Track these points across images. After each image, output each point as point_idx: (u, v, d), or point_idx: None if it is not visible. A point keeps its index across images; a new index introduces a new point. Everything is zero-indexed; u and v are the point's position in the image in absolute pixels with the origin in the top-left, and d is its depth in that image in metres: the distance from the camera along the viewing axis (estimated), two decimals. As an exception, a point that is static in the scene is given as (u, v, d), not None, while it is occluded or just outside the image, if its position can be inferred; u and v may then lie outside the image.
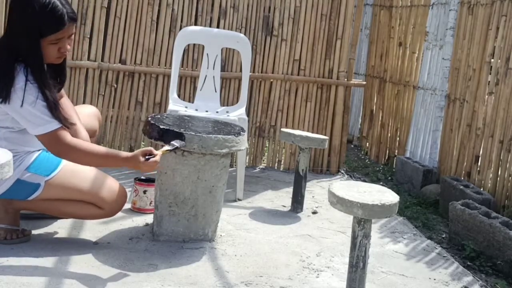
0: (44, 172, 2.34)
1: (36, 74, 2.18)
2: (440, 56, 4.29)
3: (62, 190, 2.36)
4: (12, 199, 2.40)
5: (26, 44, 2.17)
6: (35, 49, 2.17)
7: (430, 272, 2.65)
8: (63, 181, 2.37)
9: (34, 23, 2.15)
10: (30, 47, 2.17)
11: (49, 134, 2.18)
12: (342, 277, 2.40)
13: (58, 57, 2.31)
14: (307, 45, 4.21)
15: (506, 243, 2.76)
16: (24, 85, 2.16)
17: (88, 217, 2.54)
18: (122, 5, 3.99)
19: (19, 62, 2.18)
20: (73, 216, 2.58)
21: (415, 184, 4.17)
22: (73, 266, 2.28)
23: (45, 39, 2.19)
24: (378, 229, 3.13)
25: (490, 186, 3.59)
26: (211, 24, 4.10)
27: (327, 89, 4.27)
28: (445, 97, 4.22)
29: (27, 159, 2.32)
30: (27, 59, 2.18)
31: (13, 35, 2.19)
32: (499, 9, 3.67)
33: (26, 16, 2.14)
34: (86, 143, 2.27)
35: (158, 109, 4.10)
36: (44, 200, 2.40)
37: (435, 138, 4.29)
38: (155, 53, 4.07)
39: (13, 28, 2.19)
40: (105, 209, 2.45)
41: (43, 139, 2.21)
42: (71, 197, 2.40)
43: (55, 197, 2.39)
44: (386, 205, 2.06)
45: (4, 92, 2.15)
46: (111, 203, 2.44)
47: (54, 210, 2.49)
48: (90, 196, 2.40)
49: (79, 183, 2.39)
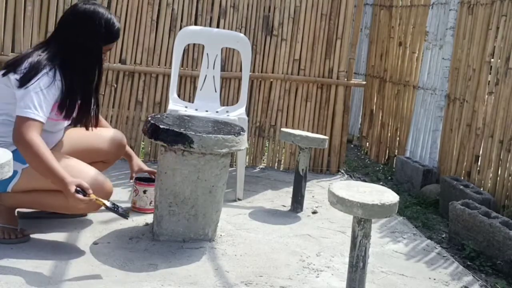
0: (22, 160, 2.31)
1: (78, 77, 2.43)
2: (440, 56, 4.29)
3: (39, 177, 2.31)
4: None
5: (84, 50, 2.42)
6: (96, 53, 2.46)
7: (430, 272, 2.65)
8: None
9: (97, 34, 2.42)
10: (90, 52, 2.44)
11: (23, 118, 2.23)
12: (342, 277, 2.40)
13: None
14: (307, 45, 4.21)
15: (506, 243, 2.76)
16: (43, 74, 2.30)
17: (70, 209, 2.40)
18: (122, 5, 3.99)
19: (57, 63, 2.38)
20: (55, 209, 2.49)
21: (415, 184, 4.17)
22: (73, 266, 2.28)
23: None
24: (378, 229, 3.13)
25: (490, 186, 3.59)
26: (211, 24, 4.10)
27: (327, 89, 4.27)
28: (445, 97, 4.22)
29: (10, 148, 2.27)
30: (78, 63, 2.43)
31: (69, 41, 2.42)
32: (499, 9, 3.67)
33: (91, 26, 2.41)
34: (44, 148, 2.23)
35: (158, 109, 4.10)
36: (24, 192, 2.40)
37: (435, 138, 4.29)
38: (155, 53, 4.07)
39: (71, 35, 2.42)
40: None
41: (17, 121, 2.25)
42: (49, 186, 2.34)
43: (34, 186, 2.37)
44: (386, 205, 2.06)
45: (27, 79, 2.28)
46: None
47: (36, 203, 2.48)
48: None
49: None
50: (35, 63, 2.32)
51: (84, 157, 2.57)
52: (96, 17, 2.42)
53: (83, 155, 2.60)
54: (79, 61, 2.42)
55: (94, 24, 2.41)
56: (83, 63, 2.44)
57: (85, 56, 2.43)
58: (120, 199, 3.11)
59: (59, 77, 2.36)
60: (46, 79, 2.30)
